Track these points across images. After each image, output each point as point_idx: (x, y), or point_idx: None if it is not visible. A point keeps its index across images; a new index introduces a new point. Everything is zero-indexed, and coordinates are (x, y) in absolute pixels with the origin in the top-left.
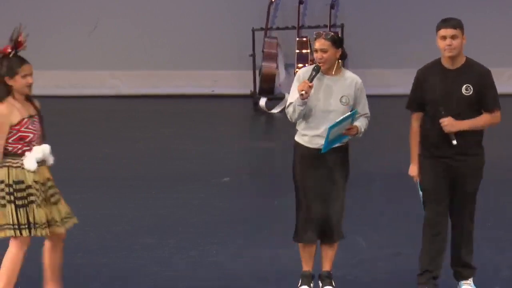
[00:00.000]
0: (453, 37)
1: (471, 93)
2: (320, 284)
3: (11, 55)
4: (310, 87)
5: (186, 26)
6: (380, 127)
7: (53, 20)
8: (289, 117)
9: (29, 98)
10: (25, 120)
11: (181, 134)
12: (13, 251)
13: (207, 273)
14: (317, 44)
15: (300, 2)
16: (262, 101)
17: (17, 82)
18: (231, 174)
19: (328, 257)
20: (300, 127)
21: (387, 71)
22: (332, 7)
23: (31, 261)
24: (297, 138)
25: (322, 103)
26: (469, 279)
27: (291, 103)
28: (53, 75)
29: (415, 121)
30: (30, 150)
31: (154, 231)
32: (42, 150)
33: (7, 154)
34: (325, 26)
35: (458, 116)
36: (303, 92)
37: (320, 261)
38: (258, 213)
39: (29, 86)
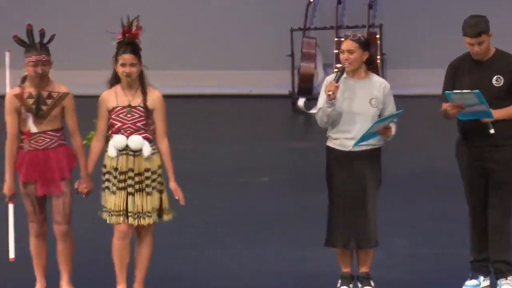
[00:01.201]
0: (479, 43)
1: (501, 84)
2: (359, 285)
3: (117, 42)
4: (337, 87)
5: (225, 26)
6: (419, 127)
7: (90, 20)
8: (319, 122)
9: (143, 89)
10: (118, 108)
11: (220, 133)
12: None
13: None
14: (344, 45)
15: (339, 2)
16: (301, 101)
17: (118, 70)
18: (270, 174)
19: (365, 260)
20: (332, 132)
21: (426, 71)
22: (370, 7)
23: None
24: (329, 143)
25: (351, 106)
26: (509, 278)
27: (320, 108)
28: (92, 75)
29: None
30: None
31: (190, 231)
32: (120, 140)
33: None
34: (364, 26)
35: (490, 107)
36: (330, 92)
37: (357, 263)
38: (297, 212)
39: (126, 75)
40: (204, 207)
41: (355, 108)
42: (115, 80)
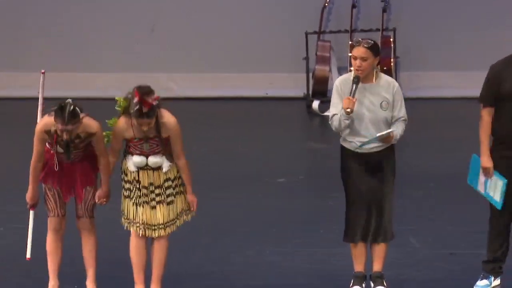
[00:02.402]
0: None
1: None
2: (372, 285)
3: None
4: (354, 102)
5: (241, 30)
6: (435, 128)
7: (112, 23)
8: (333, 128)
9: (157, 122)
10: (135, 140)
11: (236, 135)
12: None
13: (263, 272)
14: (357, 52)
15: (353, 6)
16: (315, 104)
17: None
18: (286, 175)
19: (379, 258)
20: (346, 135)
21: (439, 73)
22: (384, 11)
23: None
24: (344, 143)
25: (363, 111)
26: None
27: (334, 114)
28: (112, 78)
29: (486, 114)
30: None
31: (210, 231)
32: (140, 161)
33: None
34: (378, 29)
35: None
36: (348, 109)
37: (371, 262)
38: (314, 213)
39: (145, 130)
40: (221, 207)
41: (367, 113)
42: (129, 109)
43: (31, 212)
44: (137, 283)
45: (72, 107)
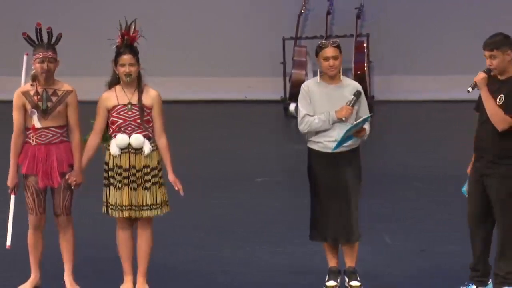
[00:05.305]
0: (491, 57)
1: (502, 102)
2: (346, 280)
3: (116, 45)
4: (351, 113)
5: (221, 36)
6: (416, 130)
7: (91, 28)
8: (303, 129)
9: (140, 88)
10: (119, 106)
11: (216, 137)
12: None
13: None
14: (329, 52)
15: (328, 13)
16: (292, 107)
17: (118, 70)
18: (263, 175)
19: (351, 254)
20: (313, 136)
21: (410, 77)
22: (358, 17)
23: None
24: (311, 145)
25: (332, 110)
26: None
27: (306, 114)
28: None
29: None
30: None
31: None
32: (123, 139)
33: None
34: (352, 35)
35: (486, 123)
36: (344, 118)
37: (343, 258)
38: (287, 212)
39: (126, 74)
40: (203, 207)
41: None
42: (114, 82)
43: (12, 198)
44: (126, 273)
45: (50, 36)
